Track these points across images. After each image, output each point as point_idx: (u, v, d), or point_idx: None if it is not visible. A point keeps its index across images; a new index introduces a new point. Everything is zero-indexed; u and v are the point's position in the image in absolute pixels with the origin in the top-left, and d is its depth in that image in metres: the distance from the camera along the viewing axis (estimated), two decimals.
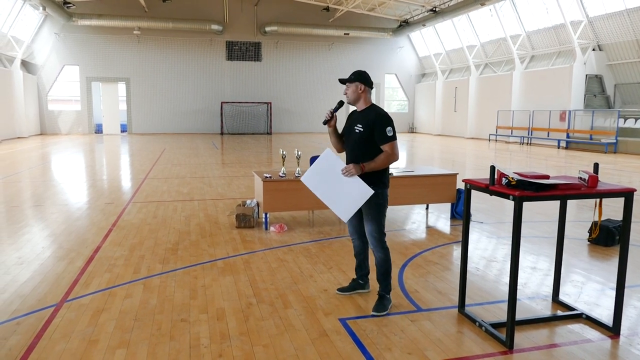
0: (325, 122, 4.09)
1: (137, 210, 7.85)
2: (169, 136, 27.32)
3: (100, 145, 21.37)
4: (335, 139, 4.19)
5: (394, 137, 3.88)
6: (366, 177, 3.90)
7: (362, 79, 3.99)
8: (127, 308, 4.00)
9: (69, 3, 24.33)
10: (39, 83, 27.48)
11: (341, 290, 4.36)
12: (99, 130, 29.21)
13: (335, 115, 4.12)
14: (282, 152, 6.88)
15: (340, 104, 4.14)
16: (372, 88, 4.04)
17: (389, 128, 3.86)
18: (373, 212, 3.97)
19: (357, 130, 3.94)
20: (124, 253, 5.53)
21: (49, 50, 27.50)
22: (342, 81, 4.07)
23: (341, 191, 3.91)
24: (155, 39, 28.88)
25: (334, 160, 3.96)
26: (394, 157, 3.90)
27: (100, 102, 29.25)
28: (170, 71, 29.37)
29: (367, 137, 3.90)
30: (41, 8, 22.56)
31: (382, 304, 3.98)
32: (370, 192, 3.84)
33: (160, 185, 10.44)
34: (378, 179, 3.95)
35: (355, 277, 4.41)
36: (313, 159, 7.80)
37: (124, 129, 29.41)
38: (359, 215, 4.14)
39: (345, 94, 4.05)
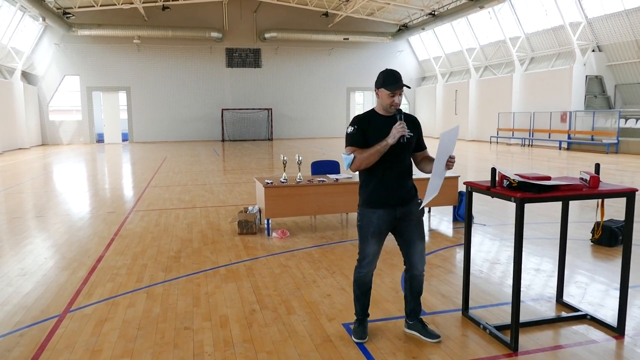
0: (405, 139, 3.31)
1: (139, 219, 7.85)
2: (170, 144, 27.37)
3: (101, 154, 21.41)
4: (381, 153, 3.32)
5: None
6: (414, 189, 3.51)
7: None
8: (131, 317, 3.99)
9: (69, 13, 24.45)
10: (40, 94, 27.56)
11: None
12: (100, 139, 29.28)
13: None
14: (283, 157, 6.88)
15: (400, 112, 3.38)
16: None
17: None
18: (422, 229, 3.53)
19: (408, 136, 3.34)
20: (126, 262, 5.53)
21: (49, 60, 27.60)
22: (404, 86, 3.37)
23: (435, 170, 3.27)
24: (155, 48, 28.97)
25: (453, 142, 3.29)
26: None
27: (101, 112, 29.33)
28: (170, 79, 29.45)
29: (413, 143, 3.46)
30: (41, 19, 22.68)
31: (431, 332, 3.57)
32: (435, 194, 3.28)
33: (162, 193, 10.45)
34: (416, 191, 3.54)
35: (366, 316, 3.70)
36: (314, 164, 7.81)
37: (125, 137, 29.48)
38: (383, 238, 3.51)
39: (396, 100, 3.35)
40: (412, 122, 3.45)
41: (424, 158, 3.55)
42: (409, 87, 3.51)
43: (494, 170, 3.46)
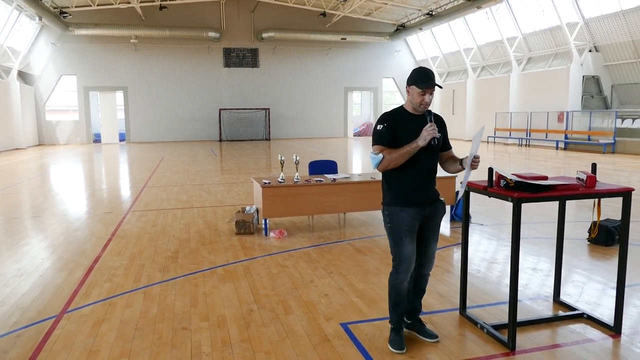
0: (435, 141, 3.32)
1: (137, 219, 7.84)
2: (168, 144, 27.33)
3: (98, 154, 21.37)
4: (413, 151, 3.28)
5: None
6: (435, 188, 3.50)
7: None
8: (128, 317, 3.99)
9: (66, 13, 24.38)
10: (36, 94, 27.47)
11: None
12: (97, 139, 29.18)
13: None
14: (281, 157, 6.88)
15: (430, 113, 3.34)
16: None
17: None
18: (438, 228, 3.53)
19: (437, 137, 3.30)
20: (123, 262, 5.52)
21: (45, 60, 27.52)
22: (435, 86, 3.28)
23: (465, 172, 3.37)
24: (152, 47, 28.92)
25: (478, 142, 3.29)
26: None
27: (98, 112, 29.24)
28: (167, 79, 29.39)
29: (441, 143, 3.44)
30: (37, 18, 22.59)
31: (429, 331, 3.59)
32: (462, 189, 3.43)
33: (159, 193, 10.43)
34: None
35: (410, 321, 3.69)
36: (312, 164, 7.81)
37: (122, 138, 29.39)
38: (414, 237, 3.42)
39: (427, 99, 3.28)
40: (440, 122, 3.43)
41: (449, 158, 3.51)
42: (440, 87, 3.49)
43: (491, 170, 3.47)
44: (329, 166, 7.85)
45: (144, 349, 3.45)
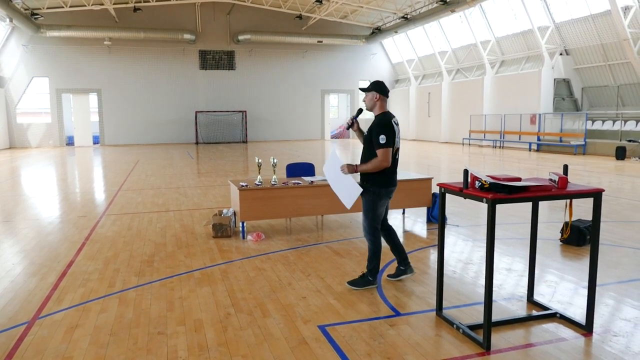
0: (348, 127, 4.68)
1: (111, 223, 7.72)
2: (143, 147, 26.98)
3: (71, 157, 20.98)
4: (362, 141, 4.69)
5: (385, 145, 4.27)
6: (364, 176, 4.51)
7: (377, 88, 4.43)
8: (102, 323, 3.92)
9: (37, 14, 23.89)
10: (7, 96, 26.85)
11: (390, 276, 4.86)
12: (70, 142, 28.68)
13: (357, 121, 4.62)
14: (258, 160, 6.86)
15: (359, 111, 4.65)
16: (387, 97, 4.48)
17: (382, 136, 4.27)
18: (364, 207, 4.58)
19: (366, 134, 4.55)
20: (98, 267, 5.43)
21: (16, 62, 26.92)
22: (362, 90, 4.54)
23: (343, 183, 4.59)
24: (126, 49, 28.54)
25: (335, 159, 4.65)
26: (383, 162, 4.31)
27: (71, 114, 28.72)
28: (142, 81, 29.04)
29: (369, 141, 4.44)
30: (7, 20, 22.09)
31: (357, 281, 4.61)
32: (358, 190, 4.51)
33: (134, 196, 10.29)
34: (371, 178, 4.46)
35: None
36: (289, 167, 7.81)
37: (96, 140, 28.93)
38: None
39: (364, 101, 4.49)
40: (372, 123, 4.44)
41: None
42: (363, 90, 4.53)
43: (466, 172, 3.52)
44: (306, 168, 7.85)
45: (119, 355, 3.39)
